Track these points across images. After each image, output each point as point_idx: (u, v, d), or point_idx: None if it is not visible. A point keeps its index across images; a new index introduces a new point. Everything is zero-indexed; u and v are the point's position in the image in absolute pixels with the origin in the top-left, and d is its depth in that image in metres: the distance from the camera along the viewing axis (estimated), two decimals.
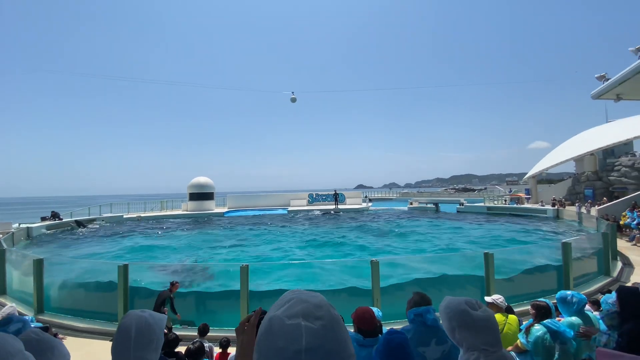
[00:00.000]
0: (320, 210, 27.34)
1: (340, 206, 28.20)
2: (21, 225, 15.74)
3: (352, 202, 31.09)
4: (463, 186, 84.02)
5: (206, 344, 3.85)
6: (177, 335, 3.63)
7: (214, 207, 28.39)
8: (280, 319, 0.62)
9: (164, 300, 5.48)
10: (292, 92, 23.08)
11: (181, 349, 3.57)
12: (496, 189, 50.33)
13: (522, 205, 25.95)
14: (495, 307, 3.91)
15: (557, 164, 28.15)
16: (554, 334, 2.79)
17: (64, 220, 19.69)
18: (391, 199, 47.65)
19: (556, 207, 22.22)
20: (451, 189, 74.98)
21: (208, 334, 4.53)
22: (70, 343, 4.88)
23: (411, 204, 30.09)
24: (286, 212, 27.53)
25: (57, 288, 6.99)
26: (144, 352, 1.28)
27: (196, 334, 4.57)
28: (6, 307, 4.63)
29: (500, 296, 4.02)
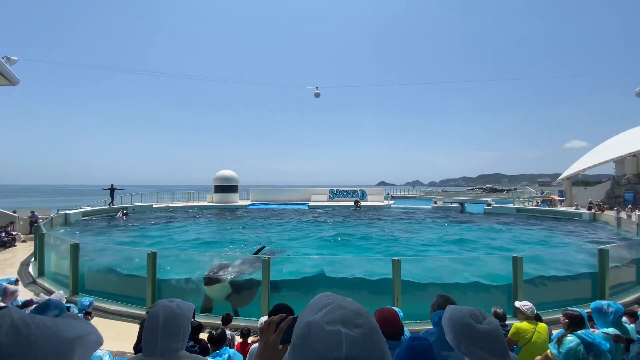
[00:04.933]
0: (341, 206, 27.35)
1: (361, 203, 28.01)
2: (59, 212, 16.77)
3: (374, 200, 30.75)
4: (491, 186, 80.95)
5: (228, 333, 3.96)
6: (200, 323, 3.74)
7: (237, 200, 29.02)
8: (319, 325, 0.61)
9: None
10: (316, 87, 23.04)
11: (204, 335, 3.69)
12: (527, 190, 48.10)
13: (555, 208, 24.68)
14: (524, 314, 3.77)
15: (595, 165, 26.52)
16: (588, 345, 2.63)
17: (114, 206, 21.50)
18: (414, 197, 46.78)
19: (593, 210, 20.98)
20: (478, 188, 72.44)
21: (230, 323, 4.65)
22: (102, 324, 5.16)
23: (435, 202, 29.38)
24: (307, 207, 27.69)
25: (90, 271, 7.41)
26: (171, 342, 1.33)
27: (219, 322, 4.70)
28: (56, 293, 4.99)
29: (528, 303, 3.88)
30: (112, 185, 22.43)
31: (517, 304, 3.90)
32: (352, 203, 27.73)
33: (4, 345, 0.59)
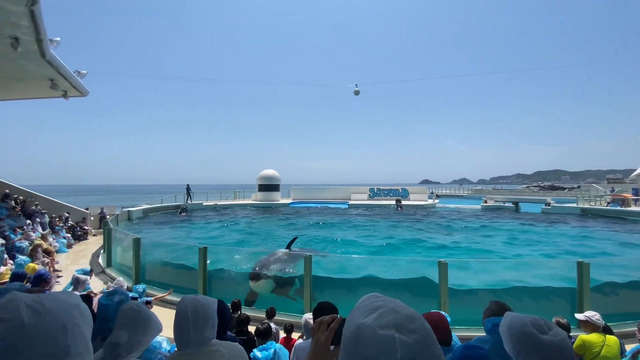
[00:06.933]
0: (381, 205, 26.89)
1: (403, 202, 27.23)
2: (124, 209, 18.52)
3: (417, 199, 29.69)
4: (550, 184, 74.23)
5: (273, 327, 4.08)
6: (248, 316, 3.92)
7: (279, 198, 29.92)
8: (372, 328, 0.59)
9: None
10: (356, 85, 22.83)
11: (250, 328, 3.85)
12: (593, 188, 43.34)
13: (629, 209, 21.92)
14: (590, 325, 3.45)
15: None
16: None
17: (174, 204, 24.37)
18: (461, 196, 44.50)
19: None
20: (535, 186, 66.82)
21: (274, 318, 4.80)
22: (161, 312, 5.61)
23: (485, 202, 27.54)
24: (347, 206, 27.58)
25: (150, 263, 8.08)
26: (202, 331, 1.40)
27: (264, 315, 4.87)
28: (117, 280, 5.66)
29: (595, 313, 3.54)
30: (188, 185, 26.04)
31: (581, 315, 3.57)
32: (393, 202, 27.07)
33: (29, 325, 0.64)
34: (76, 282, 4.61)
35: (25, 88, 10.30)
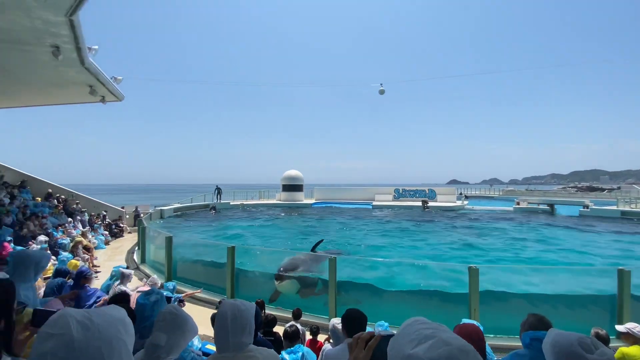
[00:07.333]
0: (406, 207, 26.38)
1: (430, 203, 26.55)
2: (156, 208, 19.36)
3: (444, 200, 28.78)
4: (588, 184, 69.88)
5: (299, 328, 4.13)
6: (274, 316, 3.98)
7: (303, 198, 30.17)
8: None
9: None
10: (381, 84, 22.54)
11: (278, 329, 3.91)
12: (634, 189, 40.30)
13: None
14: (631, 337, 3.31)
15: None
16: None
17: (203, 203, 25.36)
18: (492, 197, 42.86)
19: None
20: (572, 187, 63.11)
21: (300, 319, 4.84)
22: (191, 309, 5.82)
23: (518, 203, 26.26)
24: (371, 206, 27.30)
25: (181, 261, 8.39)
26: (240, 337, 1.46)
27: (290, 316, 4.93)
28: (151, 277, 5.97)
29: (637, 325, 3.44)
30: (217, 185, 27.39)
31: (622, 327, 3.41)
32: (419, 203, 26.48)
33: (78, 340, 0.69)
34: (122, 276, 4.97)
35: (66, 93, 11.04)
